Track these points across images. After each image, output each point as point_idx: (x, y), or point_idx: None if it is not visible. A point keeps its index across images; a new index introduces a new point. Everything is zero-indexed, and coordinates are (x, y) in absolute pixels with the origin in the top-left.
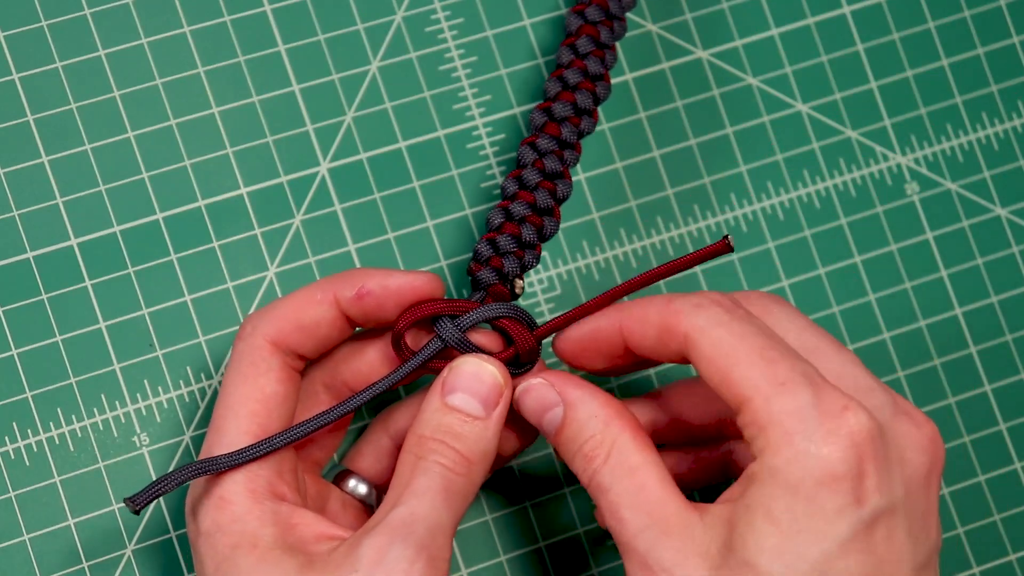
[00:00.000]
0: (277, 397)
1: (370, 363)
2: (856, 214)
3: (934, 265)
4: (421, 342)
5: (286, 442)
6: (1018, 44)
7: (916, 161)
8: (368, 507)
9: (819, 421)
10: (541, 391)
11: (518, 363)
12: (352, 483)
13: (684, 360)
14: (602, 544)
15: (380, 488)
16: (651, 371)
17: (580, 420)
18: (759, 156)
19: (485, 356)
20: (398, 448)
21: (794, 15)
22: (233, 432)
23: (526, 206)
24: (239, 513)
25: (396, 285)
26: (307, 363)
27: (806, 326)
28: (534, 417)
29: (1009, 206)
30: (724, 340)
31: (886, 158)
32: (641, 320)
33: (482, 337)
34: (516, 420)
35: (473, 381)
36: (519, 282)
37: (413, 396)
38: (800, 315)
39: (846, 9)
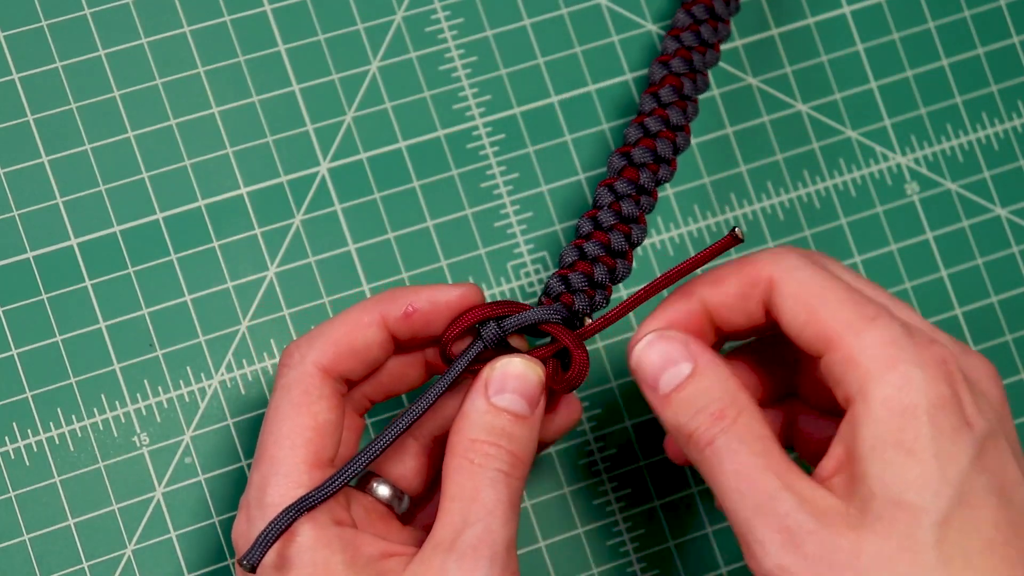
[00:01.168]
0: (330, 425)
1: (391, 374)
2: (856, 214)
3: (934, 265)
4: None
5: (365, 464)
6: (1018, 44)
7: (916, 161)
8: (392, 509)
9: (916, 349)
10: (672, 346)
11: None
12: (373, 486)
13: (766, 322)
14: (602, 544)
15: (403, 489)
16: None
17: (710, 381)
18: (759, 156)
19: (526, 355)
20: (423, 448)
21: (794, 15)
22: (291, 462)
23: (600, 247)
24: (307, 544)
25: (445, 300)
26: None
27: (863, 277)
28: (654, 370)
29: (1009, 206)
30: (811, 280)
31: (886, 158)
32: (719, 281)
33: (517, 341)
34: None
35: (519, 381)
36: (587, 320)
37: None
38: (851, 270)
39: (846, 9)
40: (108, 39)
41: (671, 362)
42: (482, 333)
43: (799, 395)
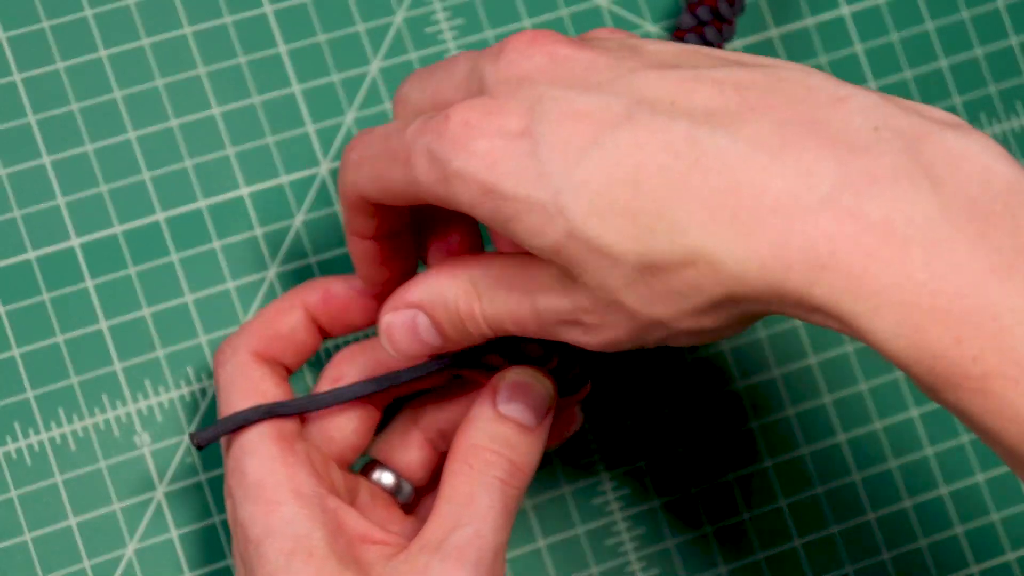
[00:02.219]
0: (282, 397)
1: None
2: None
3: None
4: None
5: (346, 399)
6: (1017, 45)
7: None
8: (395, 497)
9: None
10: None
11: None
12: (377, 474)
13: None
14: (602, 544)
15: (407, 479)
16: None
17: None
18: None
19: (533, 369)
20: (428, 442)
21: (794, 15)
22: (257, 441)
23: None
24: (288, 516)
25: (360, 288)
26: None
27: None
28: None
29: None
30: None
31: None
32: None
33: (534, 348)
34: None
35: (527, 392)
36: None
37: (443, 391)
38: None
39: (845, 9)
40: (109, 40)
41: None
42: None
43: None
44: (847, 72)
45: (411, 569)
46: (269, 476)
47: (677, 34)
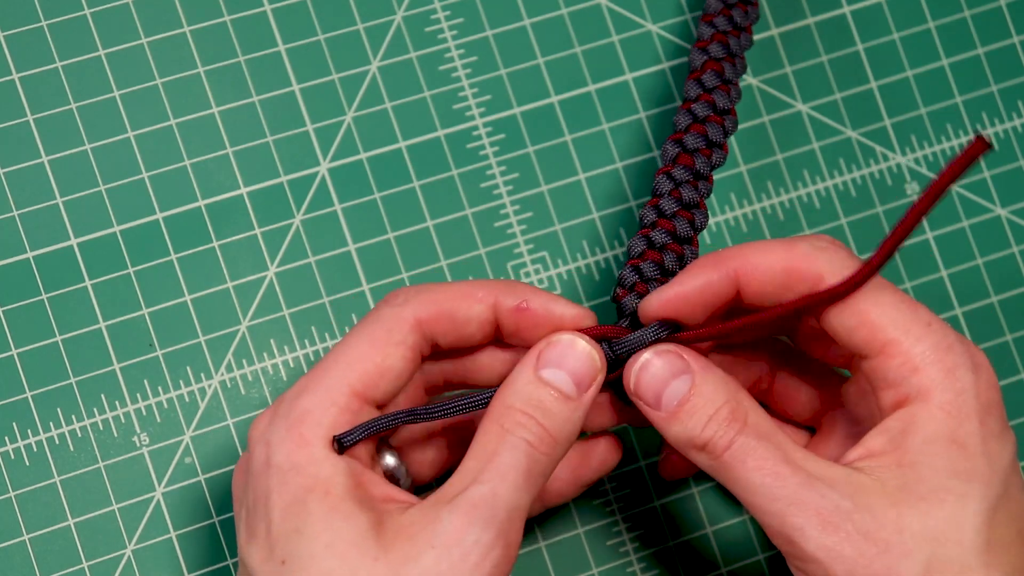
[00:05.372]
0: (393, 372)
1: (479, 363)
2: (856, 214)
3: (934, 265)
4: None
5: (461, 411)
6: (1018, 44)
7: (916, 161)
8: (395, 481)
9: (968, 355)
10: (669, 359)
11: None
12: (384, 454)
13: (801, 310)
14: (602, 544)
15: (413, 472)
16: None
17: (712, 386)
18: (759, 156)
19: (586, 337)
20: (448, 444)
21: (794, 15)
22: (338, 381)
23: (666, 234)
24: (317, 456)
25: (559, 313)
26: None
27: None
28: (655, 390)
29: (1009, 206)
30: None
31: (886, 158)
32: (762, 266)
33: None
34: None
35: (569, 358)
36: None
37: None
38: None
39: (846, 9)
40: (108, 39)
41: (670, 376)
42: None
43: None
44: (847, 71)
45: (422, 518)
46: (316, 414)
47: (705, 18)
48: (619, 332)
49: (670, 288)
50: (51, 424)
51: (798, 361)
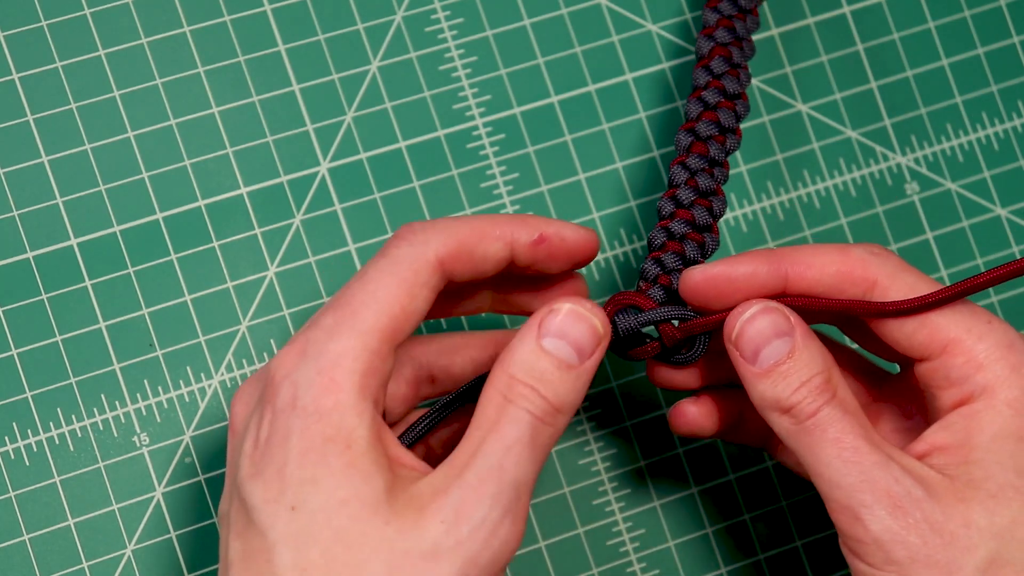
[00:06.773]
0: (418, 315)
1: (462, 365)
2: (856, 214)
3: (934, 265)
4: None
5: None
6: (1018, 44)
7: (916, 161)
8: None
9: None
10: (776, 317)
11: (671, 352)
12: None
13: (849, 315)
14: (602, 544)
15: (393, 423)
16: None
17: (811, 353)
18: (759, 156)
19: (588, 304)
20: (418, 378)
21: (794, 15)
22: (372, 323)
23: (686, 224)
24: (344, 403)
25: (572, 238)
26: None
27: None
28: (756, 343)
29: (1009, 206)
30: (918, 285)
31: (886, 158)
32: (816, 266)
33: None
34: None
35: (571, 327)
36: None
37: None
38: None
39: (846, 9)
40: (108, 39)
41: (773, 335)
42: (617, 323)
43: None
44: (847, 71)
45: (434, 490)
46: (349, 359)
47: (710, 4)
48: (645, 302)
49: (717, 266)
50: (51, 424)
51: (843, 353)
